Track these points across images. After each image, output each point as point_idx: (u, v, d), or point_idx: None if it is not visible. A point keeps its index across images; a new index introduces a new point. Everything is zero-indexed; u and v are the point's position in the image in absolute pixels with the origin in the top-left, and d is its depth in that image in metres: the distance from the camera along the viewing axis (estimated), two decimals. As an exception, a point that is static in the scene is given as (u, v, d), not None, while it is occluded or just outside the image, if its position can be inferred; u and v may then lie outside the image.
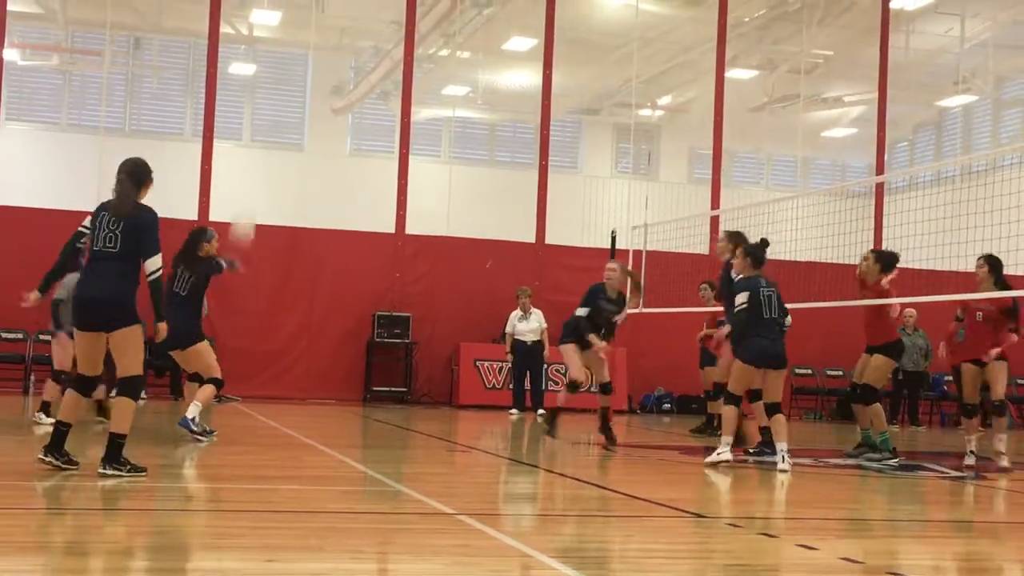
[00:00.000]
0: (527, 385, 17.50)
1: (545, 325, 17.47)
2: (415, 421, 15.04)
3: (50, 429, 7.87)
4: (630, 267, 16.70)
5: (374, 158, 27.17)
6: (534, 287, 19.30)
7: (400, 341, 18.62)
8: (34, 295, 10.55)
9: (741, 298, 10.19)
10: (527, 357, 17.44)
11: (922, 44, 24.55)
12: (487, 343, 18.85)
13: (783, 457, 9.76)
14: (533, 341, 17.43)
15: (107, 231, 7.56)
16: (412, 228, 19.34)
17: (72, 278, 10.29)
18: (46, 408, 11.25)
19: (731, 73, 22.44)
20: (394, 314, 18.63)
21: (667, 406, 19.44)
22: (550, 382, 18.04)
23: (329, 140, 27.88)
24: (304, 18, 23.50)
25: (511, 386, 17.88)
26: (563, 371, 13.92)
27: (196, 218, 18.11)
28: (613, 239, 16.94)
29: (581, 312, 11.94)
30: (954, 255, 15.78)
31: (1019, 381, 20.43)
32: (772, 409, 10.18)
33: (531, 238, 19.67)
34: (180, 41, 26.23)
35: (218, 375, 10.52)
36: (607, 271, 12.15)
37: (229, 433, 11.33)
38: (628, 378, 18.66)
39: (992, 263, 10.83)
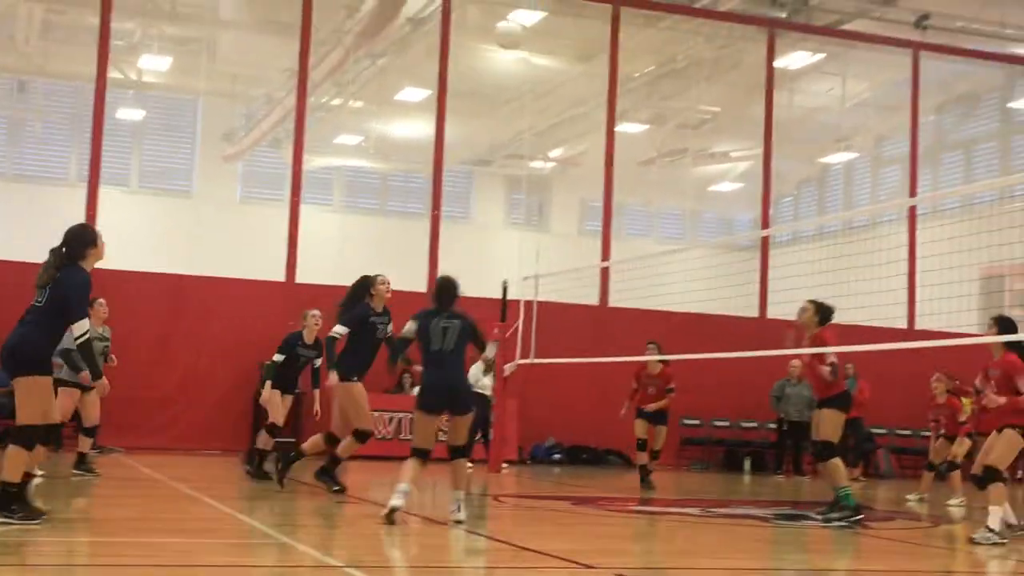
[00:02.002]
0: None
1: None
2: (303, 472, 14.81)
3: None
4: (521, 318, 16.80)
5: (265, 206, 26.93)
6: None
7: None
8: None
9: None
10: (488, 409, 17.21)
11: (805, 102, 25.26)
12: (379, 393, 18.70)
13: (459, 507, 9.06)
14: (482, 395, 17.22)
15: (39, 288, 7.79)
16: (303, 277, 19.16)
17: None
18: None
19: (621, 127, 22.80)
20: (283, 363, 18.36)
21: (557, 456, 19.48)
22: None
23: (219, 187, 27.58)
24: (194, 64, 23.32)
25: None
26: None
27: (80, 265, 17.71)
28: (504, 290, 16.99)
29: (277, 358, 12.99)
30: (837, 308, 16.16)
31: (898, 432, 20.95)
32: (456, 452, 9.44)
33: (423, 288, 19.64)
34: (66, 85, 25.80)
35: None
36: (312, 317, 13.05)
37: (112, 484, 11.06)
38: (519, 428, 18.66)
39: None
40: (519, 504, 11.65)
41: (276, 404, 12.97)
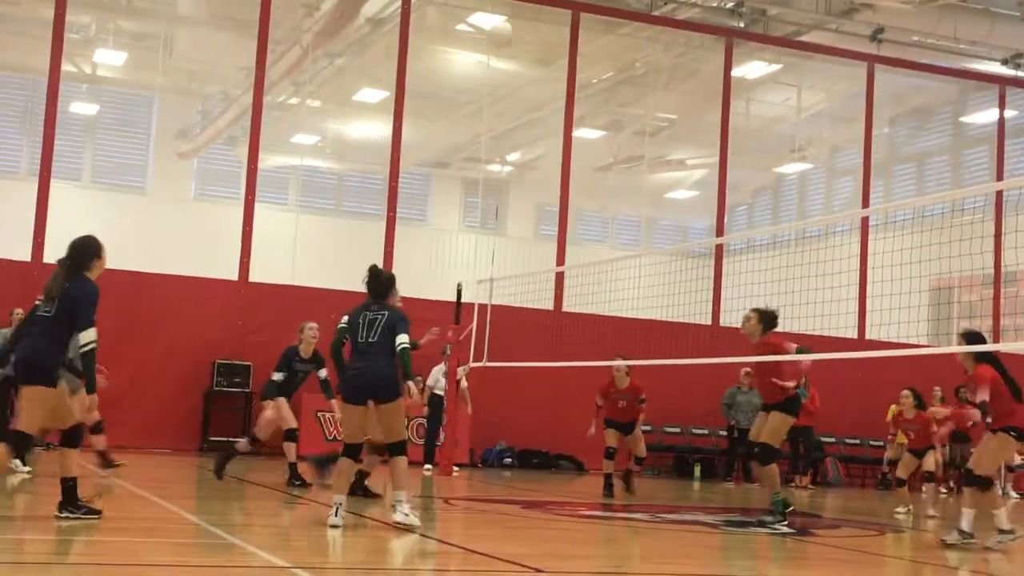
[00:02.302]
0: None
1: (466, 384, 17.30)
2: (253, 472, 14.73)
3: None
4: (475, 321, 16.80)
5: (219, 204, 26.76)
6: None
7: (240, 390, 18.26)
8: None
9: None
10: (436, 411, 17.19)
11: (762, 112, 25.45)
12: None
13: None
14: (438, 395, 17.16)
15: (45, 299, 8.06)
16: (256, 276, 19.04)
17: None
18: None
19: (579, 132, 22.86)
20: (235, 363, 18.27)
21: (508, 460, 19.47)
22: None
23: (173, 184, 27.36)
24: (151, 60, 23.10)
25: (423, 440, 17.64)
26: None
27: (30, 259, 17.53)
28: (459, 292, 16.97)
29: (277, 377, 12.82)
30: (789, 316, 16.28)
31: (847, 441, 21.14)
32: (392, 449, 9.15)
33: (377, 289, 19.56)
34: (19, 77, 25.49)
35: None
36: (309, 329, 12.88)
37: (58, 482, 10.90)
38: (470, 432, 18.64)
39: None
40: (469, 507, 11.63)
41: (280, 416, 12.79)
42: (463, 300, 16.85)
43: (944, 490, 19.92)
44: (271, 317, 18.88)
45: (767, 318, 11.04)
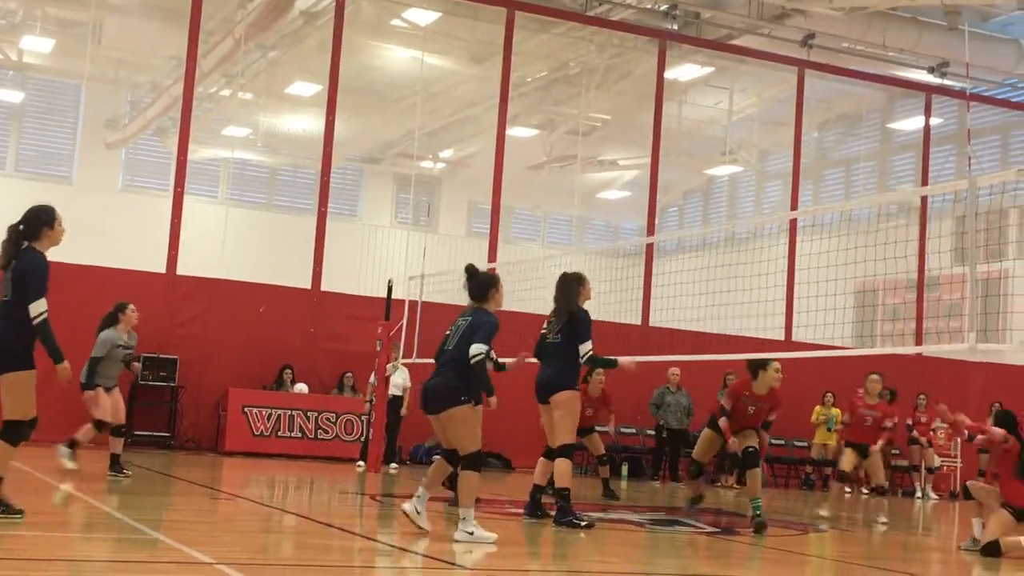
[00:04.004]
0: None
1: (409, 384, 17.20)
2: (178, 467, 14.58)
3: None
4: (405, 318, 16.75)
5: (147, 195, 26.44)
6: (308, 334, 19.08)
7: (166, 384, 18.04)
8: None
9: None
10: (391, 410, 17.07)
11: (693, 114, 25.65)
12: (257, 389, 18.49)
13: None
14: (395, 395, 17.06)
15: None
16: (184, 269, 18.81)
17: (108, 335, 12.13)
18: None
19: (512, 131, 22.88)
20: (161, 356, 18.04)
21: (438, 457, 19.41)
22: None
23: (100, 174, 26.98)
24: (79, 48, 22.73)
25: (362, 438, 17.53)
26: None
27: (-49, 248, 17.16)
28: (389, 289, 16.91)
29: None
30: (718, 316, 16.48)
31: (772, 441, 21.35)
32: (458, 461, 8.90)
33: (307, 284, 19.46)
34: (-57, 62, 25.01)
35: None
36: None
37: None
38: (402, 428, 18.56)
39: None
40: (396, 504, 11.59)
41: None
42: (394, 296, 16.80)
43: (865, 490, 20.22)
44: (200, 310, 18.68)
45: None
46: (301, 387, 18.69)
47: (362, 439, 17.43)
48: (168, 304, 18.54)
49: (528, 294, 17.89)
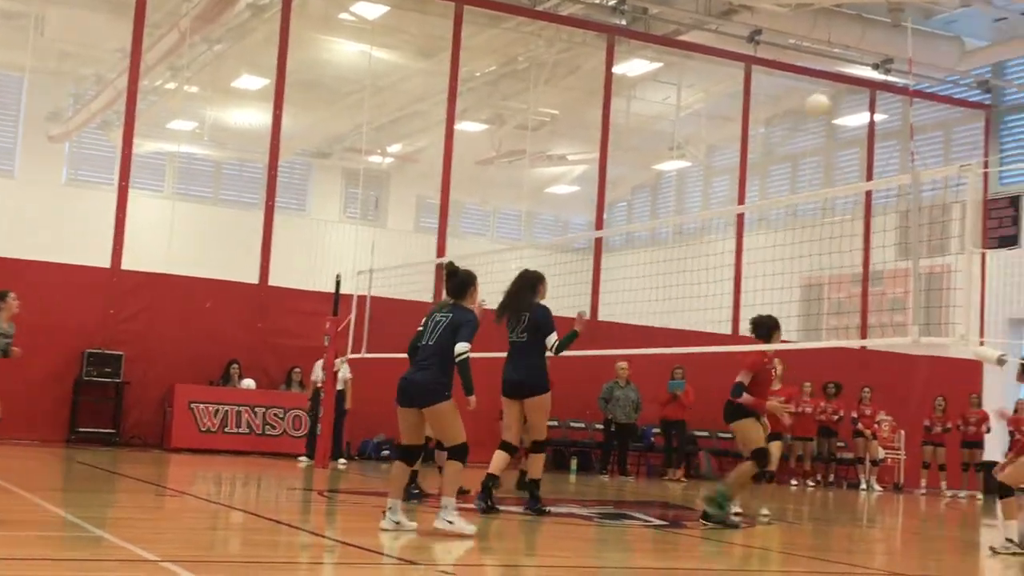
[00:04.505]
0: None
1: (350, 376, 17.12)
2: (123, 464, 14.43)
3: None
4: (353, 313, 16.67)
5: (92, 189, 26.14)
6: (256, 330, 18.95)
7: (110, 380, 17.85)
8: None
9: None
10: (341, 403, 16.95)
11: (642, 110, 25.74)
12: (204, 385, 18.35)
13: None
14: (337, 390, 16.96)
15: None
16: (129, 263, 18.61)
17: None
18: None
19: (461, 125, 22.85)
20: (105, 352, 17.85)
21: (386, 452, 19.38)
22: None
23: (43, 168, 26.63)
24: (21, 39, 22.40)
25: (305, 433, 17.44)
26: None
27: None
28: (337, 283, 16.83)
29: None
30: (666, 311, 16.55)
31: (721, 435, 21.50)
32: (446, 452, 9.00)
33: (255, 279, 19.32)
34: None
35: None
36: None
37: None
38: (348, 423, 18.49)
39: None
40: (345, 500, 11.55)
41: None
42: (342, 291, 16.72)
43: (811, 483, 20.43)
44: (144, 305, 18.51)
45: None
46: (248, 383, 18.57)
47: (307, 434, 17.38)
48: (113, 299, 18.34)
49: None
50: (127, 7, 19.18)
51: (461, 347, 8.33)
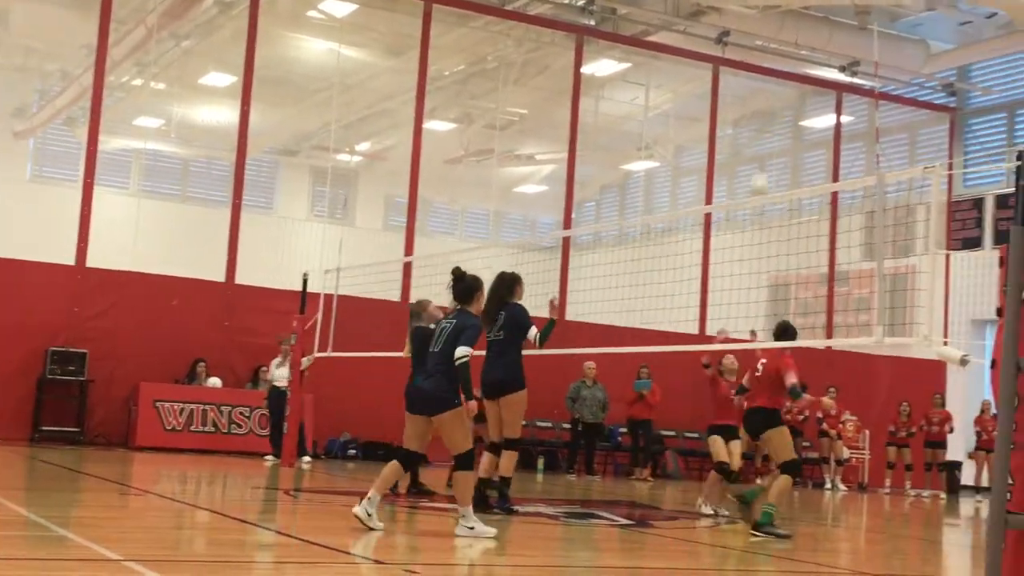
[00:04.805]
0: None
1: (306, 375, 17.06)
2: (87, 463, 14.32)
3: None
4: (320, 311, 16.61)
5: (56, 186, 25.94)
6: (222, 328, 18.86)
7: (75, 379, 17.72)
8: None
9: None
10: (283, 403, 16.83)
11: (610, 110, 25.80)
12: (169, 383, 18.24)
13: None
14: (280, 388, 16.86)
15: None
16: (94, 261, 18.48)
17: None
18: None
19: (429, 124, 22.82)
20: (70, 350, 17.72)
21: (352, 451, 19.34)
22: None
23: (8, 164, 26.42)
24: (-15, 34, 22.23)
25: (268, 431, 17.36)
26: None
27: None
28: (304, 282, 16.77)
29: None
30: (633, 310, 16.60)
31: (687, 435, 21.59)
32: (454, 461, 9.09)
33: (221, 277, 19.23)
34: None
35: None
36: None
37: None
38: (314, 422, 18.44)
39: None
40: (311, 499, 11.51)
41: None
42: (309, 290, 16.66)
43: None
44: (110, 303, 18.39)
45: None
46: (214, 381, 18.48)
47: (269, 432, 17.33)
48: (77, 297, 18.21)
49: (446, 288, 17.85)
50: (93, 3, 19.05)
51: (461, 351, 8.34)
